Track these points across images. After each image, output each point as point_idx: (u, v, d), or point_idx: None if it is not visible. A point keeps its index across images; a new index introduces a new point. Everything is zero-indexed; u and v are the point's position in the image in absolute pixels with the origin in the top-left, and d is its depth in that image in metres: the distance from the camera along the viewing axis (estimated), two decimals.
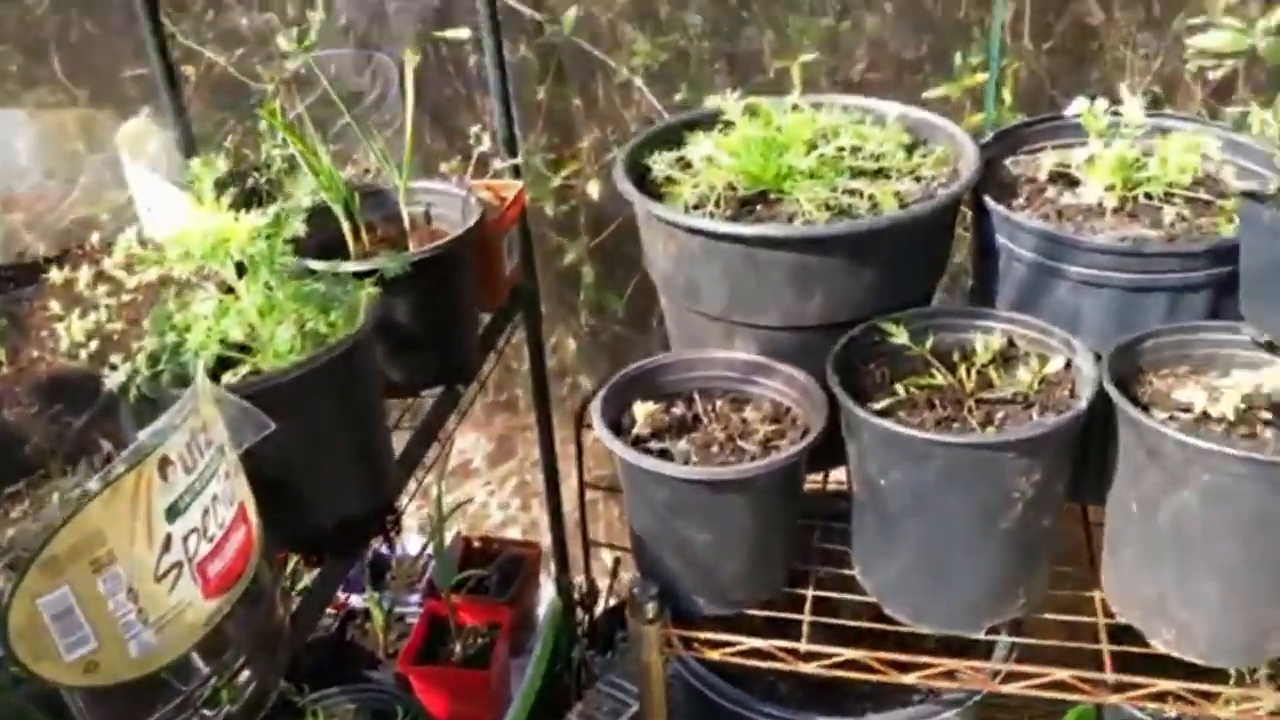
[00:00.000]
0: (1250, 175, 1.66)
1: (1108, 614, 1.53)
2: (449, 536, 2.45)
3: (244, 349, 1.42)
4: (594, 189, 2.62)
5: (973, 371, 1.51)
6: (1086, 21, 2.31)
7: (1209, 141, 1.60)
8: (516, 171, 2.11)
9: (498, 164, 2.06)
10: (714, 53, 2.55)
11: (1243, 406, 1.39)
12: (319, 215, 1.68)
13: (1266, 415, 1.41)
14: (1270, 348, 1.46)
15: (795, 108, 1.81)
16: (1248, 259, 1.44)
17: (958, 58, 2.26)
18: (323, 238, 1.69)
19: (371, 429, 1.55)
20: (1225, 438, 1.37)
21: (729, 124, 1.77)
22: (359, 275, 1.54)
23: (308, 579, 1.58)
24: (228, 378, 1.40)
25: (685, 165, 1.76)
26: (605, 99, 2.65)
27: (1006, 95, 2.23)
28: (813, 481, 1.78)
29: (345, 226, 1.75)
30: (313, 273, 1.53)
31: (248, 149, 2.43)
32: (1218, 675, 1.52)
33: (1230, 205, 1.57)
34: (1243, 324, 1.48)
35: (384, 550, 2.53)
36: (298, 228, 1.44)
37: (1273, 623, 1.39)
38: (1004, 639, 1.79)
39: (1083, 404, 1.39)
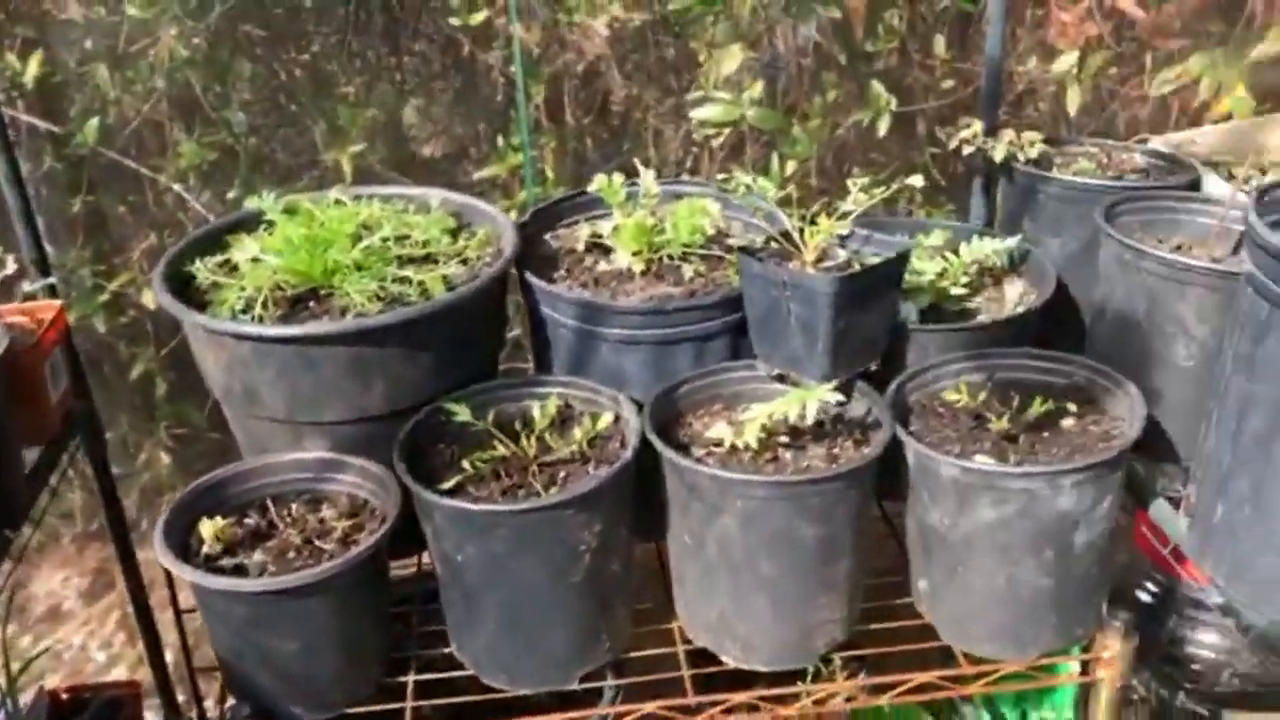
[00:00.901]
0: (754, 230, 1.89)
1: (686, 641, 1.66)
2: (32, 693, 2.23)
3: None
4: (149, 298, 2.50)
5: (533, 438, 1.59)
6: (614, 98, 2.52)
7: (711, 204, 1.79)
8: (53, 291, 1.98)
9: (28, 285, 1.93)
10: (265, 149, 2.52)
11: (764, 435, 1.57)
12: None
13: (785, 439, 1.60)
14: (781, 379, 1.66)
15: (338, 202, 1.84)
16: (750, 305, 1.63)
17: (500, 139, 2.39)
18: None
19: None
20: (752, 466, 1.54)
21: (272, 223, 1.77)
22: None
23: None
24: None
25: (232, 269, 1.74)
26: (155, 203, 2.55)
27: (550, 171, 2.38)
28: (410, 565, 1.81)
29: None
30: None
31: None
32: (799, 675, 1.68)
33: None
34: (758, 361, 1.68)
35: None
36: None
37: (815, 623, 1.57)
38: (609, 683, 1.88)
39: (629, 453, 1.51)
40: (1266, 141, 2.07)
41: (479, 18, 2.26)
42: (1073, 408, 1.58)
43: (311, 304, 1.67)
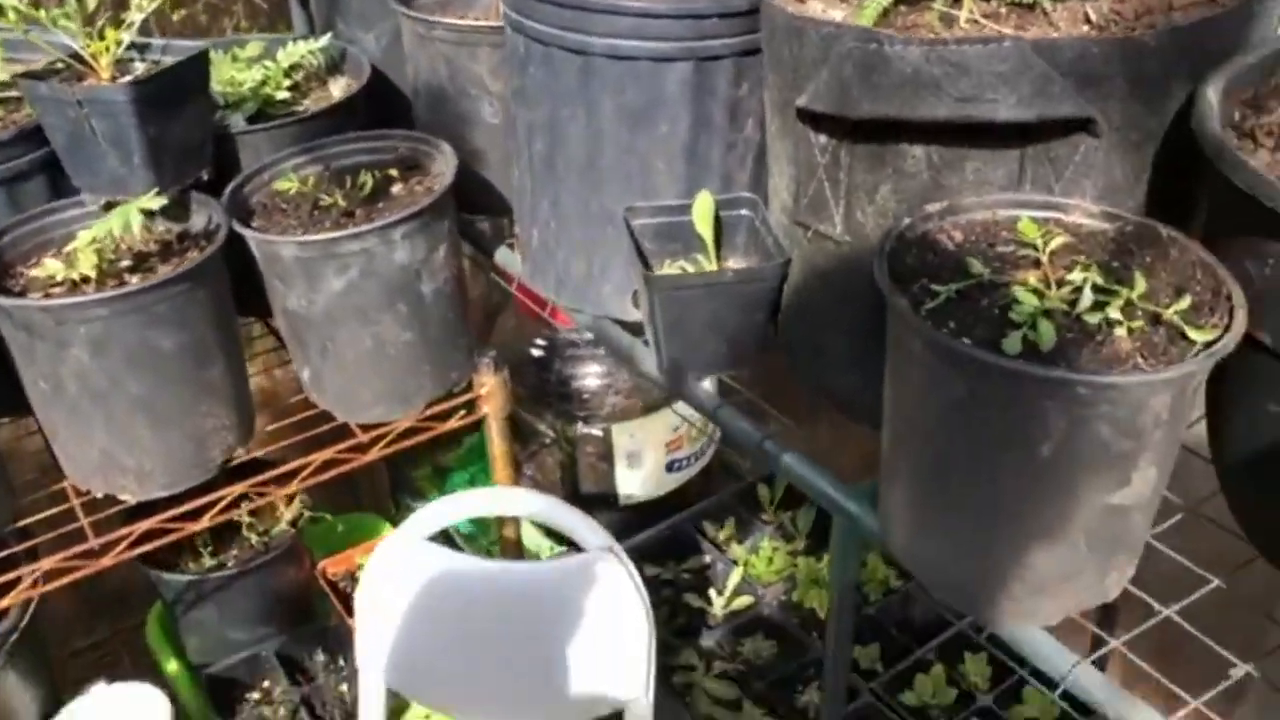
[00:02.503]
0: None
1: (83, 494, 1.60)
2: None
3: None
4: None
5: None
6: None
7: None
8: None
9: None
10: None
11: (105, 264, 1.52)
12: None
13: (129, 263, 1.56)
14: (110, 206, 1.60)
15: None
16: (54, 135, 1.55)
17: None
18: None
19: None
20: (97, 292, 1.49)
21: None
22: None
23: None
24: None
25: None
26: None
27: None
28: None
29: None
30: None
31: None
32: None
33: None
34: (83, 194, 1.60)
35: None
36: None
37: (205, 433, 1.58)
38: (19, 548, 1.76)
39: None
40: None
41: None
42: (396, 174, 1.69)
43: None
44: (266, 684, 2.13)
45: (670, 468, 2.44)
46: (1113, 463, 0.97)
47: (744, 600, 2.23)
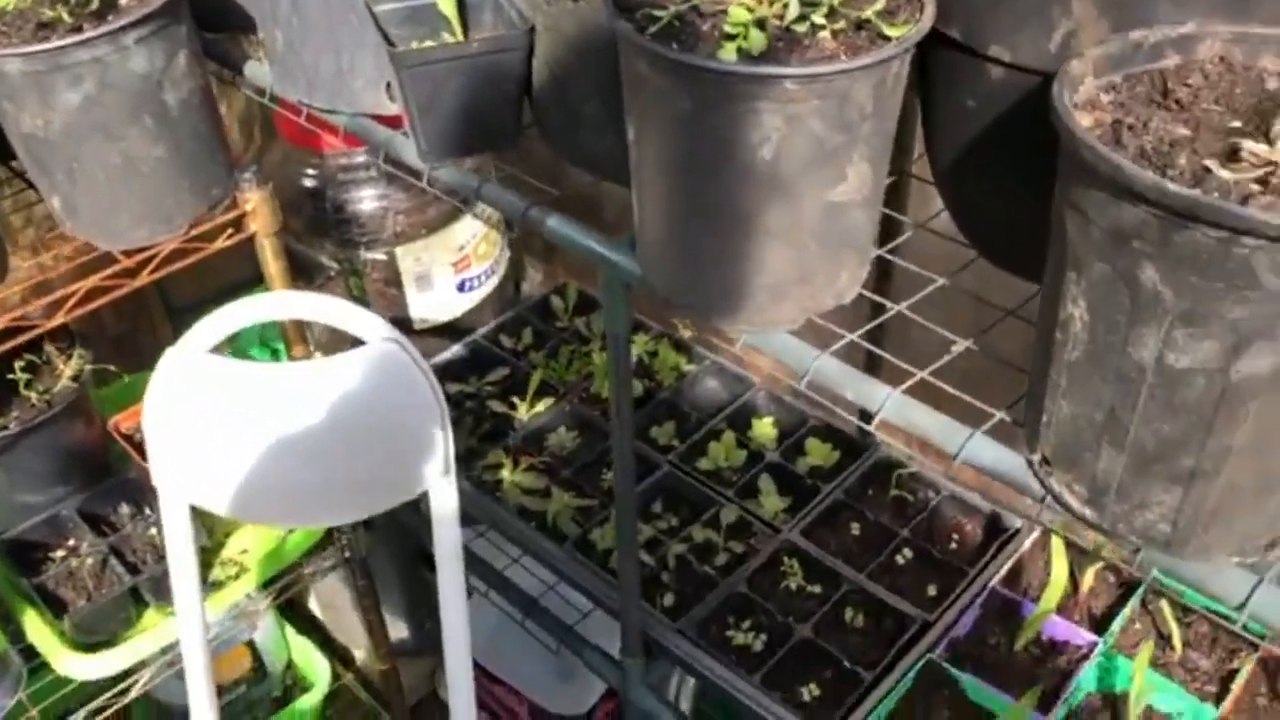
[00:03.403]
0: None
1: None
2: None
3: None
4: None
5: None
6: None
7: None
8: None
9: None
10: None
11: None
12: None
13: None
14: None
15: None
16: None
17: None
18: None
19: None
20: None
21: None
22: None
23: None
24: None
25: None
26: None
27: None
28: None
29: None
30: None
31: None
32: None
33: None
34: None
35: None
36: None
37: None
38: None
39: None
40: None
41: None
42: None
43: None
44: (71, 541, 2.09)
45: (461, 288, 2.47)
46: (827, 158, 1.06)
47: (546, 402, 2.30)
